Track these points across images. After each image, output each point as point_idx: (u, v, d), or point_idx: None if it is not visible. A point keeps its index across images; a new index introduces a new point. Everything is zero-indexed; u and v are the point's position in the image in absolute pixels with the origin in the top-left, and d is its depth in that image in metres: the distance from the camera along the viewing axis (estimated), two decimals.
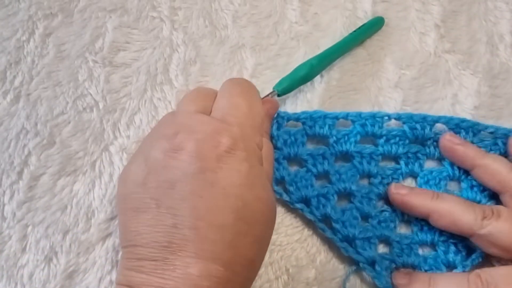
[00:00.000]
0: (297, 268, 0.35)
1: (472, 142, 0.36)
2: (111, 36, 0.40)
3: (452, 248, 0.34)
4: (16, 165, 0.36)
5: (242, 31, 0.41)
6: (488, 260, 0.34)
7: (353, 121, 0.36)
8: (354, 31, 0.40)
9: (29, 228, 0.34)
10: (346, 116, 0.36)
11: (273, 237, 0.35)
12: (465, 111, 0.39)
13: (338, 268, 0.35)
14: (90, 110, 0.38)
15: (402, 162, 0.36)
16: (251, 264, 0.28)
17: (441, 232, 0.34)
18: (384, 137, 0.36)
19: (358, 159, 0.35)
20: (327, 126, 0.36)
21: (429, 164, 0.37)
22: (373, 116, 0.36)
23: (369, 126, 0.36)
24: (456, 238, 0.34)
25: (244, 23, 0.42)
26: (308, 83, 0.39)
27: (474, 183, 0.35)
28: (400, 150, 0.36)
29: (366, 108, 0.39)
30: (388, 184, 0.35)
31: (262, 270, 0.34)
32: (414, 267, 0.34)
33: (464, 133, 0.36)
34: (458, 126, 0.36)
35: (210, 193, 0.27)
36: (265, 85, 0.39)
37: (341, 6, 0.43)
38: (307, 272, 0.35)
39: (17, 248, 0.34)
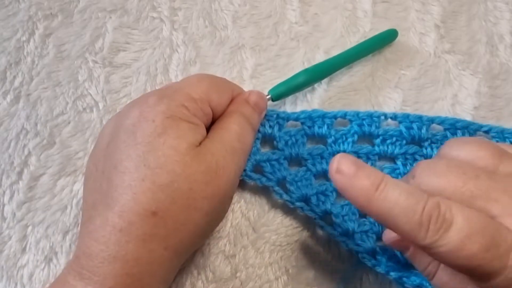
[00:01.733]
0: (297, 268, 0.35)
1: None
2: (111, 37, 0.40)
3: None
4: (16, 165, 0.36)
5: (242, 31, 0.41)
6: None
7: (350, 121, 0.36)
8: (363, 42, 0.40)
9: (29, 229, 0.34)
10: (344, 115, 0.36)
11: (273, 237, 0.35)
12: (465, 111, 0.39)
13: (338, 268, 0.35)
14: (90, 110, 0.38)
15: (399, 163, 0.36)
16: (152, 217, 0.26)
17: None
18: (381, 137, 0.36)
19: None
20: (325, 126, 0.36)
21: None
22: (370, 115, 0.36)
23: (366, 126, 0.36)
24: None
25: (244, 23, 0.42)
26: None
27: None
28: (397, 150, 0.36)
29: (365, 108, 0.39)
30: None
31: (262, 271, 0.34)
32: None
33: (460, 134, 0.36)
34: (454, 126, 0.36)
35: (126, 143, 0.28)
36: (265, 85, 0.39)
37: (341, 6, 0.43)
38: (307, 272, 0.35)
39: (17, 249, 0.34)
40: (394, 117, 0.36)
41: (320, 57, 0.40)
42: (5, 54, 0.39)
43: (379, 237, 0.34)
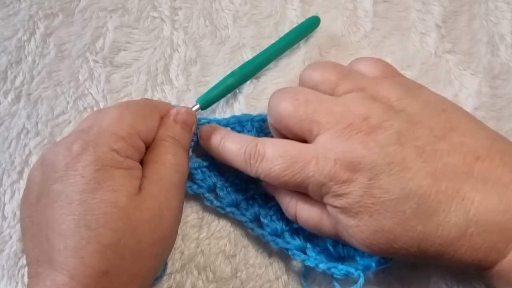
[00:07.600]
0: (297, 268, 0.35)
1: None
2: (111, 36, 0.40)
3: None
4: (17, 164, 0.36)
5: (243, 31, 0.41)
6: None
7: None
8: (287, 34, 0.39)
9: None
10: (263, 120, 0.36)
11: None
12: None
13: None
14: (90, 110, 0.38)
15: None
16: (104, 276, 0.26)
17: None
18: None
19: None
20: (254, 129, 0.36)
21: None
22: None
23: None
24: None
25: (245, 23, 0.42)
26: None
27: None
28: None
29: None
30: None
31: (262, 270, 0.35)
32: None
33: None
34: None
35: (58, 202, 0.26)
36: (266, 85, 0.39)
37: (342, 6, 0.43)
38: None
39: (17, 248, 0.34)
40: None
41: (320, 57, 0.40)
42: (6, 54, 0.39)
43: (310, 233, 0.34)
